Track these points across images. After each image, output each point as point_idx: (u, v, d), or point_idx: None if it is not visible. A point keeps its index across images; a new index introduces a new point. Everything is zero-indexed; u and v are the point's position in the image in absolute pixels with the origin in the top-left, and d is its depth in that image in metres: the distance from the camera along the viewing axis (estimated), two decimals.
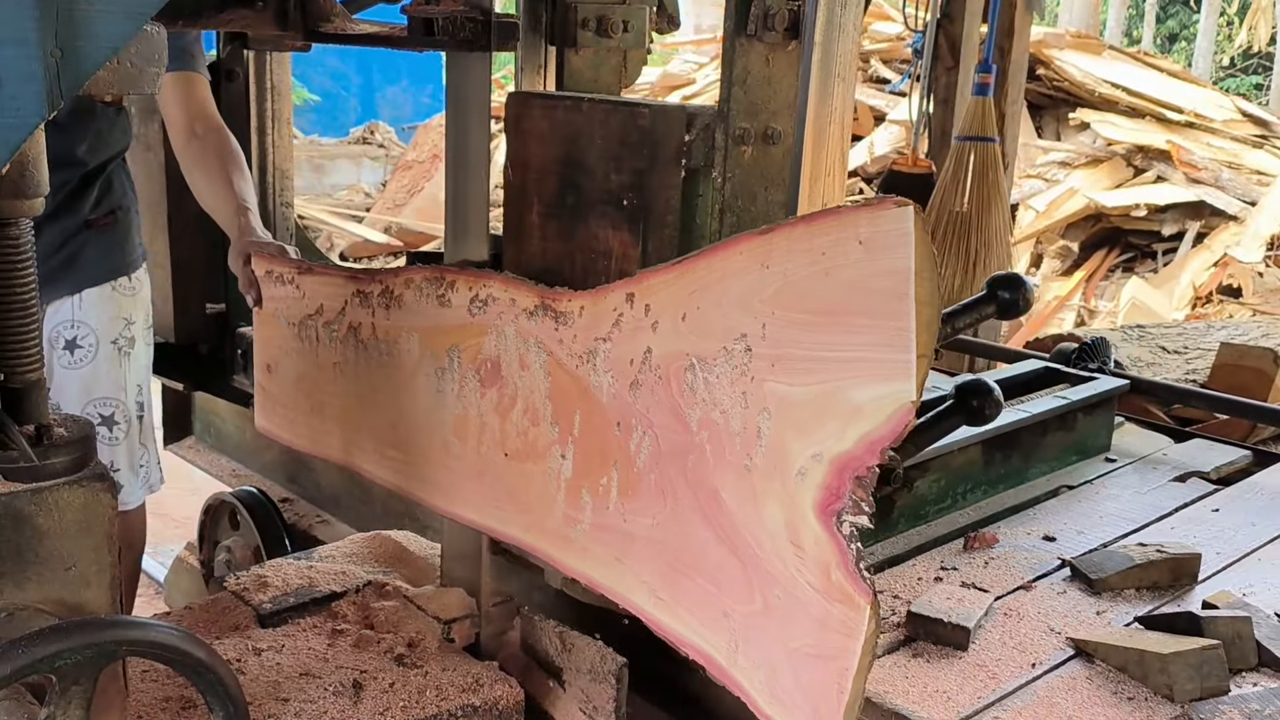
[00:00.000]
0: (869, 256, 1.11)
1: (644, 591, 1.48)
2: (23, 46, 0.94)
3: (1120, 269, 7.18)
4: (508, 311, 1.61)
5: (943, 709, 1.67)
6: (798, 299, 1.20)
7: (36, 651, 0.94)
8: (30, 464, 1.14)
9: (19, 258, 1.15)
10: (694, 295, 1.33)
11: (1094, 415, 2.81)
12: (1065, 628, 1.93)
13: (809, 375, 1.19)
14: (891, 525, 2.28)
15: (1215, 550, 2.27)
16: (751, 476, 1.27)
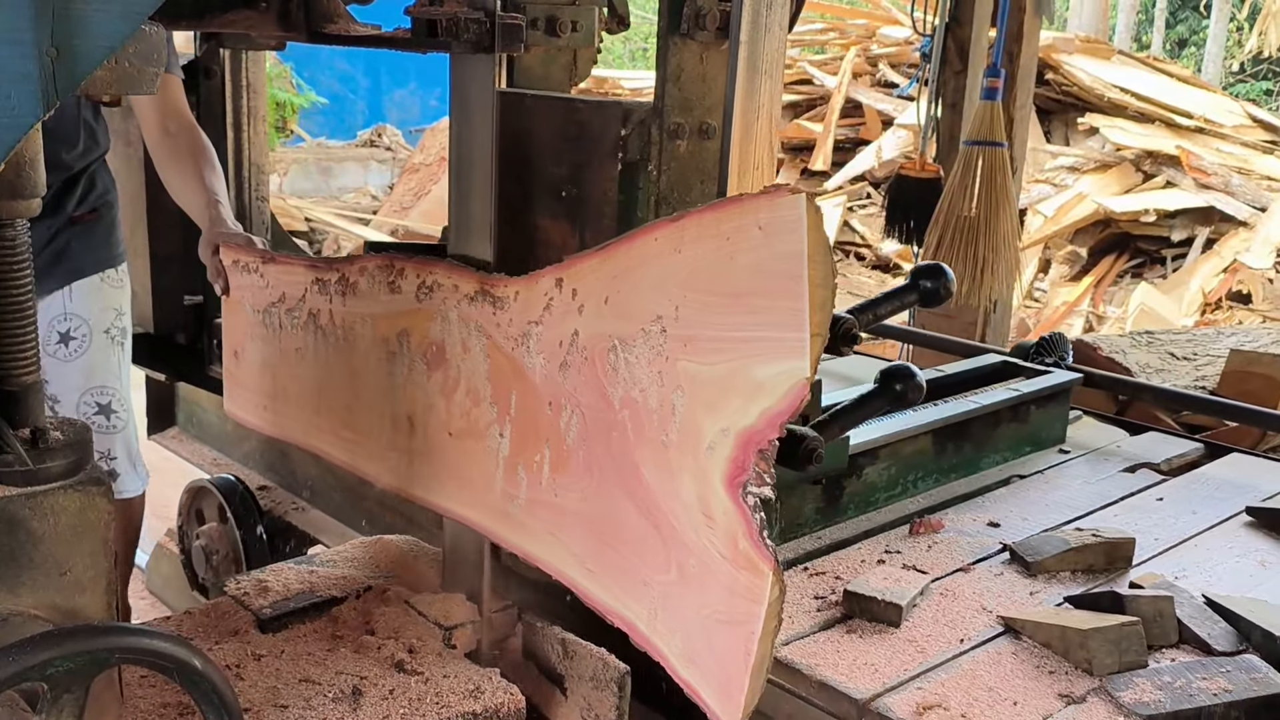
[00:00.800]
0: (767, 241, 1.18)
1: (574, 563, 1.54)
2: (18, 46, 0.93)
3: (1129, 275, 7.15)
4: (451, 297, 1.67)
5: (869, 680, 1.75)
6: (706, 282, 1.26)
7: (27, 659, 0.93)
8: (25, 468, 1.12)
9: (16, 259, 1.13)
10: (615, 279, 1.39)
11: (1047, 408, 2.88)
12: (997, 607, 2.00)
13: (717, 354, 1.26)
14: (841, 511, 2.35)
15: (1154, 536, 2.33)
16: (668, 452, 1.33)
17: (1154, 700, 1.71)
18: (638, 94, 10.65)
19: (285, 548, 2.67)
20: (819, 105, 9.18)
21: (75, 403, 2.29)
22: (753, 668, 1.25)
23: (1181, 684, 1.74)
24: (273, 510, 2.70)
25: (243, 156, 2.74)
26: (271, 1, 1.75)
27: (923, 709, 1.68)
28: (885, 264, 7.82)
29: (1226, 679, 1.75)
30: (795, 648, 1.84)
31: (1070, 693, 1.75)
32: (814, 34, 10.50)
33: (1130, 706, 1.70)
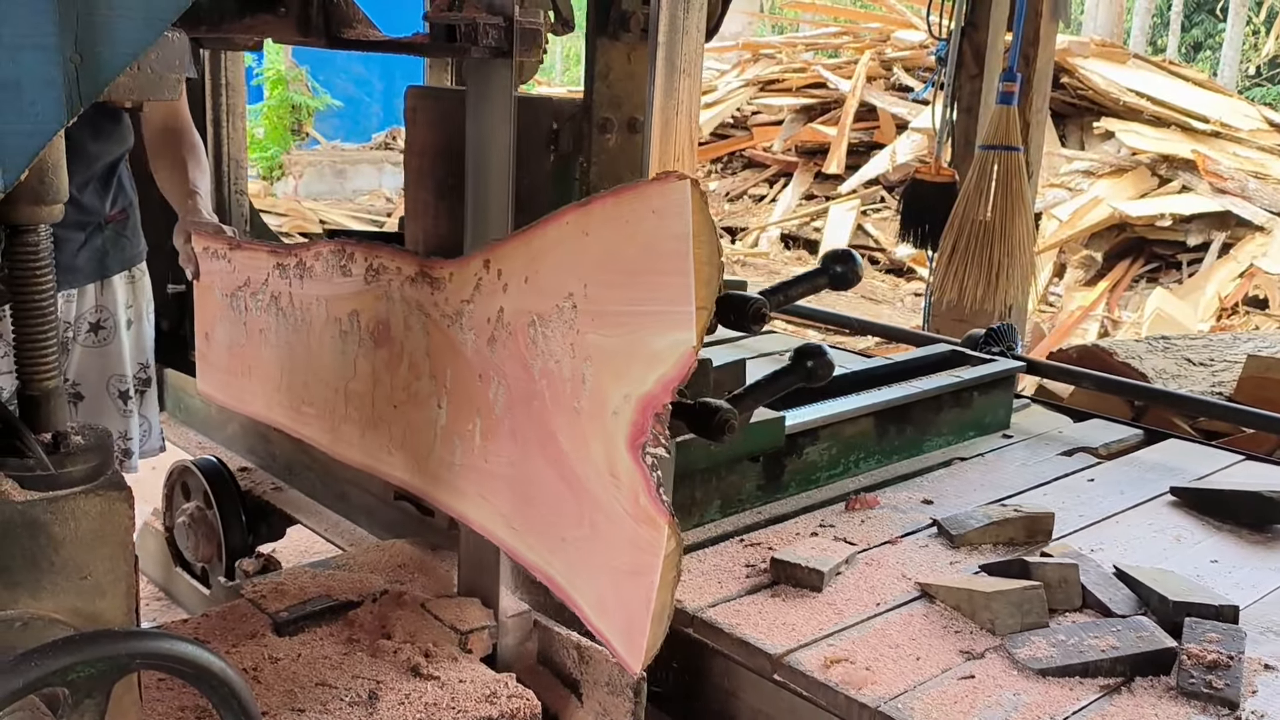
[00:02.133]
0: (660, 224, 1.29)
1: (501, 523, 1.65)
2: (42, 51, 0.94)
3: (1145, 279, 7.12)
4: (395, 279, 1.78)
5: (785, 637, 1.88)
6: (610, 262, 1.38)
7: (49, 664, 0.93)
8: (47, 472, 1.13)
9: (38, 265, 1.14)
10: (534, 260, 1.50)
11: (990, 394, 3.00)
12: (917, 575, 2.12)
13: (621, 327, 1.37)
14: (782, 488, 2.48)
15: (1079, 514, 2.47)
16: (579, 418, 1.45)
17: (1046, 656, 1.83)
18: None
19: (263, 526, 2.78)
20: (833, 109, 9.17)
21: (100, 389, 2.43)
22: (653, 615, 1.36)
23: (1074, 641, 1.86)
24: (252, 490, 2.81)
25: (222, 152, 2.90)
26: (291, 7, 1.75)
27: (830, 662, 1.81)
28: (899, 268, 7.81)
29: (1116, 637, 1.87)
30: (721, 609, 1.97)
31: (971, 649, 1.87)
32: (828, 37, 10.49)
33: (1024, 661, 1.83)
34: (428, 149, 1.98)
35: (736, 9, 13.54)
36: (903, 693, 1.75)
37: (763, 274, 7.93)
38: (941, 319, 4.54)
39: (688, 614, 1.97)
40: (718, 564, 2.16)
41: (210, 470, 2.79)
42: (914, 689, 1.76)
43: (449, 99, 1.92)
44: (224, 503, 2.73)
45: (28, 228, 1.11)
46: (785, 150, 9.31)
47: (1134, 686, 1.80)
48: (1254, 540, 2.38)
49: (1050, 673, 1.80)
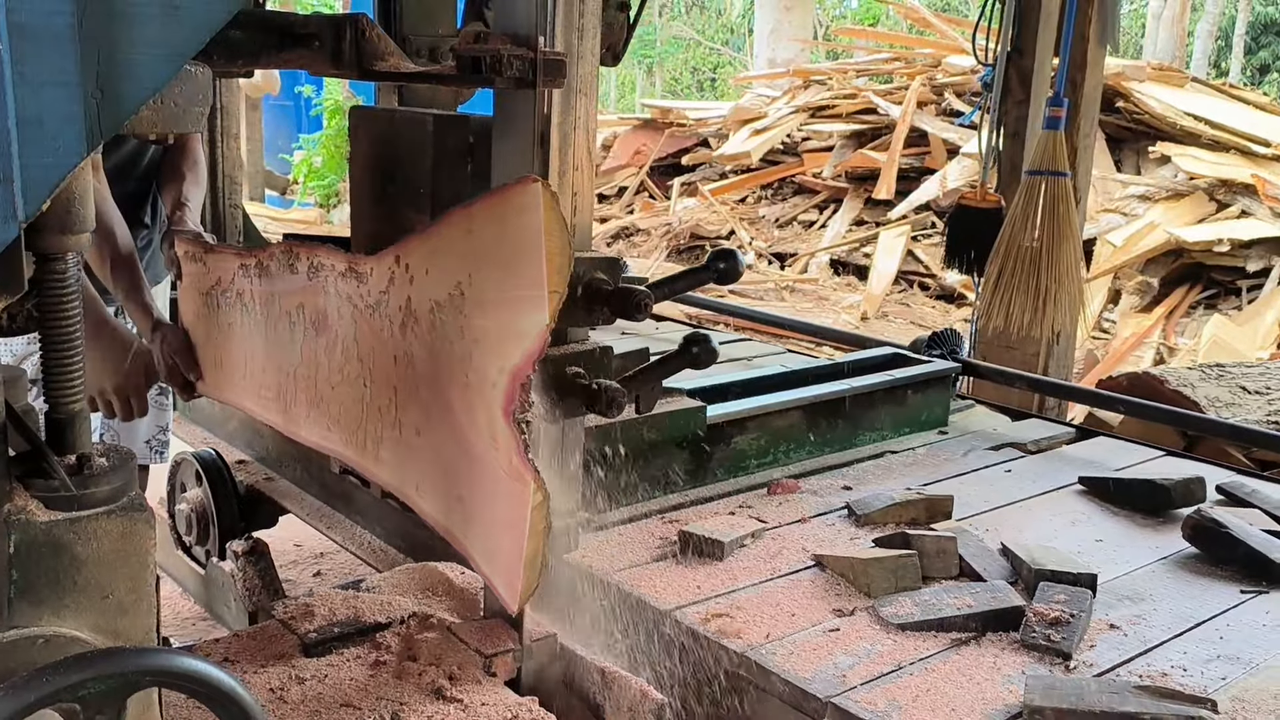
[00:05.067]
0: (521, 221, 1.51)
1: (411, 487, 1.87)
2: (64, 89, 0.97)
3: (1202, 306, 6.98)
4: (330, 274, 2.00)
5: (676, 597, 2.08)
6: (489, 255, 1.59)
7: (60, 680, 0.96)
8: (70, 493, 1.16)
9: (65, 292, 1.17)
10: (433, 255, 1.71)
11: (926, 393, 3.18)
12: (816, 548, 2.31)
13: (497, 312, 1.59)
14: (710, 473, 2.68)
15: (985, 499, 2.66)
16: (469, 391, 1.66)
17: (907, 613, 2.03)
18: (702, 124, 10.70)
19: (255, 512, 3.04)
20: (884, 135, 9.13)
21: None
22: (525, 560, 1.60)
23: (935, 601, 2.07)
24: (245, 480, 3.05)
25: (218, 169, 3.11)
26: (325, 41, 1.80)
27: (711, 616, 2.01)
28: (949, 294, 7.73)
29: (973, 597, 2.06)
30: (626, 573, 2.19)
31: (843, 609, 2.07)
32: (879, 64, 10.47)
33: (887, 618, 2.03)
34: (366, 160, 2.24)
35: (790, 37, 13.59)
36: (768, 641, 1.94)
37: (811, 300, 7.90)
38: (988, 345, 4.49)
39: (596, 578, 2.19)
40: (635, 537, 2.36)
41: (208, 462, 3.03)
42: (781, 639, 1.95)
43: (384, 117, 2.23)
44: (219, 492, 2.97)
45: (55, 256, 1.15)
46: (835, 176, 9.29)
47: (983, 640, 1.98)
48: (1144, 524, 2.56)
49: (909, 627, 2.00)
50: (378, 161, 2.18)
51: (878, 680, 1.83)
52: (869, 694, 1.78)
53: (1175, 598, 2.18)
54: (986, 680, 1.84)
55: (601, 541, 2.33)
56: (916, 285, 8.00)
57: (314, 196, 10.98)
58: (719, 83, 22.06)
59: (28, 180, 0.97)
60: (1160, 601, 2.17)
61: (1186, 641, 2.01)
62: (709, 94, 20.89)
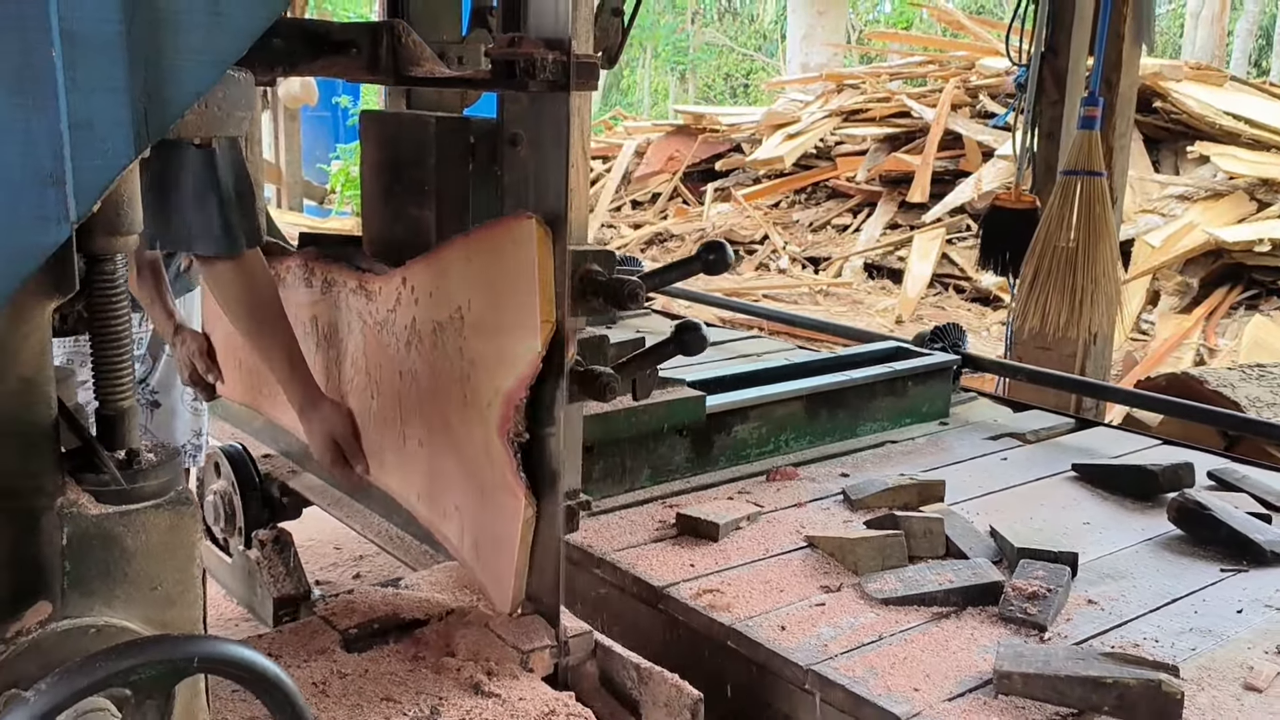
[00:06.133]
0: (517, 251, 1.59)
1: (413, 494, 1.97)
2: (113, 94, 1.01)
3: (1243, 306, 6.90)
4: (343, 290, 2.08)
5: (671, 575, 2.18)
6: (485, 282, 1.68)
7: (112, 665, 0.99)
8: (120, 487, 1.19)
9: (113, 293, 1.21)
10: (437, 278, 1.80)
11: (926, 384, 3.24)
12: (810, 531, 2.38)
13: (494, 336, 1.67)
14: (711, 461, 2.76)
15: (979, 485, 2.71)
16: (466, 409, 1.75)
17: (892, 589, 2.11)
18: (735, 129, 10.71)
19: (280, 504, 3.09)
20: (918, 138, 9.10)
21: (176, 397, 2.72)
22: (516, 570, 1.73)
23: (918, 577, 2.13)
24: (271, 473, 3.13)
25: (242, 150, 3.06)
26: (362, 48, 1.84)
27: (703, 592, 2.10)
28: (985, 296, 7.69)
29: (954, 573, 2.13)
30: (625, 553, 2.27)
31: (830, 585, 2.15)
32: (913, 67, 10.44)
33: (871, 593, 2.10)
34: (375, 163, 2.32)
35: (822, 41, 13.56)
36: (756, 615, 2.02)
37: (845, 304, 7.88)
38: (1024, 346, 4.47)
39: (595, 557, 2.27)
40: (635, 520, 2.45)
41: (234, 456, 3.11)
42: (768, 613, 2.03)
43: (392, 121, 2.32)
44: (245, 484, 3.06)
45: (105, 257, 1.18)
46: (869, 180, 9.27)
47: (963, 614, 2.05)
48: (1133, 508, 2.62)
49: (891, 602, 2.07)
50: (385, 162, 2.29)
51: (858, 650, 1.92)
52: (849, 662, 1.87)
53: (1155, 576, 2.24)
54: (963, 650, 1.93)
55: (601, 524, 2.42)
56: (951, 288, 7.96)
57: (351, 206, 11.09)
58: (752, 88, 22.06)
59: (79, 182, 1.01)
60: (1140, 579, 2.22)
61: (1162, 616, 2.07)
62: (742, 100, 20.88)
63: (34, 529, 1.16)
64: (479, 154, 2.14)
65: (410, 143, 2.21)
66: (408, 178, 2.22)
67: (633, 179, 10.92)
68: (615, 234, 9.83)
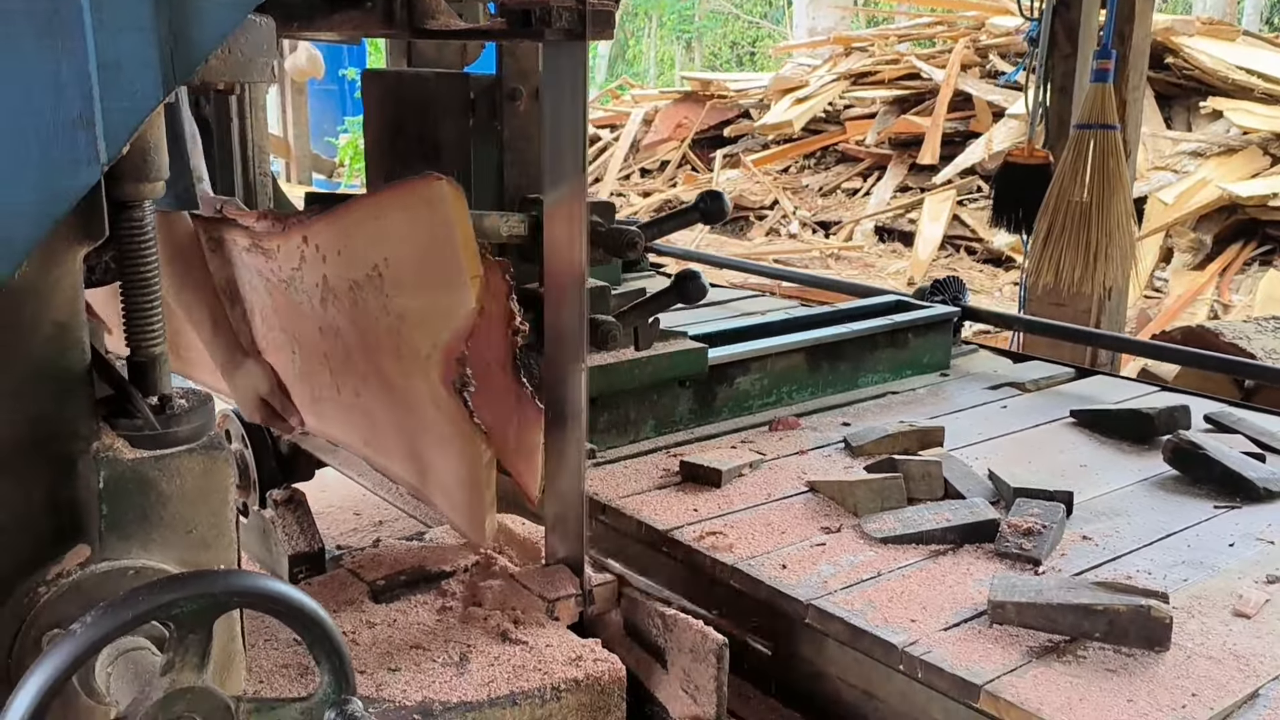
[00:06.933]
0: (431, 212, 1.61)
1: (360, 442, 2.02)
2: (140, 33, 1.01)
3: (1257, 262, 6.86)
4: (234, 248, 2.08)
5: (675, 518, 2.22)
6: (403, 241, 1.68)
7: (155, 599, 1.01)
8: (155, 432, 1.21)
9: (143, 239, 1.22)
10: (344, 237, 1.79)
11: (926, 336, 3.27)
12: (812, 476, 2.41)
13: (421, 293, 1.69)
14: (715, 412, 2.80)
15: (978, 431, 2.75)
16: (402, 362, 1.78)
17: (890, 528, 2.14)
18: (743, 95, 10.65)
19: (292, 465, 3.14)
20: (928, 100, 9.05)
21: None
22: (486, 505, 1.80)
23: (916, 517, 2.17)
24: (282, 436, 3.11)
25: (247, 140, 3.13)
26: (377, 2, 1.84)
27: (706, 534, 2.14)
28: (997, 257, 7.66)
29: (951, 512, 2.17)
30: (630, 499, 2.32)
31: (830, 526, 2.19)
32: (921, 28, 10.36)
33: (870, 533, 2.14)
34: (378, 121, 2.34)
35: (830, 4, 13.45)
36: (757, 555, 2.06)
37: (857, 267, 7.87)
38: (1038, 302, 4.46)
39: (601, 503, 2.30)
40: (639, 469, 2.49)
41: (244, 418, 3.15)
42: (769, 553, 2.07)
43: (391, 78, 2.34)
44: (258, 445, 3.08)
45: (133, 203, 1.20)
46: (879, 143, 9.22)
47: (960, 551, 2.09)
48: (1129, 451, 2.64)
49: (890, 540, 2.11)
50: (387, 119, 2.31)
51: (857, 585, 1.95)
52: (847, 596, 1.91)
53: (1149, 513, 2.27)
54: (959, 584, 1.96)
55: (606, 473, 2.44)
56: (963, 249, 7.94)
57: (359, 179, 11.09)
58: (758, 56, 21.91)
59: (108, 124, 1.01)
60: (1134, 516, 2.25)
61: (1155, 550, 2.11)
62: (748, 67, 20.74)
63: (71, 473, 1.18)
64: (479, 109, 2.18)
65: (411, 100, 2.24)
66: (409, 134, 2.25)
67: (641, 147, 10.88)
68: (624, 202, 9.81)
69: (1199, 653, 1.73)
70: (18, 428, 1.14)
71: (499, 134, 2.16)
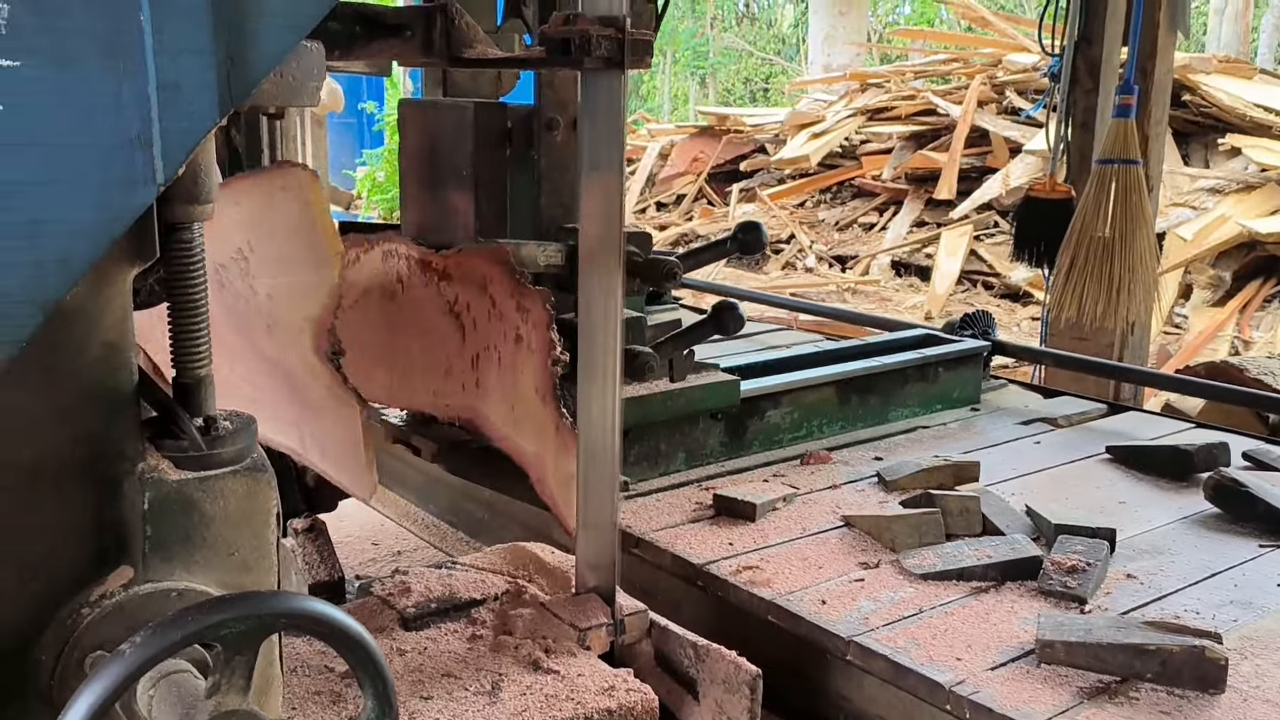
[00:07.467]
0: (287, 197, 1.70)
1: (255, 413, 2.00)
2: (199, 56, 1.02)
3: (1277, 300, 6.84)
4: None
5: (710, 553, 2.22)
6: (261, 225, 1.77)
7: (205, 620, 1.00)
8: (200, 453, 1.21)
9: (191, 261, 1.23)
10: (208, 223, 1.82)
11: (957, 370, 3.28)
12: (846, 510, 2.41)
13: (284, 271, 1.78)
14: (745, 446, 2.82)
15: (1012, 467, 2.74)
16: (275, 334, 1.87)
17: (930, 564, 2.12)
18: (759, 130, 10.71)
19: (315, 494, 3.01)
20: (944, 135, 9.07)
21: None
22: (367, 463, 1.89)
23: (956, 553, 2.16)
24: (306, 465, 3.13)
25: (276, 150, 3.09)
26: (416, 31, 1.86)
27: (742, 569, 2.13)
28: (1014, 292, 7.65)
29: (992, 549, 2.15)
30: (663, 533, 2.31)
31: (869, 562, 2.17)
32: (937, 65, 10.41)
33: (910, 568, 2.12)
34: (415, 151, 2.36)
35: (844, 41, 13.55)
36: (796, 590, 2.05)
37: (873, 301, 7.86)
38: (1060, 337, 4.45)
39: (635, 537, 2.30)
40: (671, 502, 2.49)
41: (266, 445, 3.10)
42: (808, 588, 2.06)
43: (431, 108, 2.36)
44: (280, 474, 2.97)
45: (183, 225, 1.20)
46: (895, 178, 9.24)
47: (1002, 588, 2.07)
48: (1168, 488, 2.63)
49: (930, 577, 2.09)
50: (423, 149, 2.33)
51: (899, 622, 1.94)
52: (890, 633, 1.90)
53: (1193, 551, 2.25)
54: (1003, 622, 1.95)
55: (639, 506, 2.44)
56: (980, 284, 7.93)
57: (378, 210, 11.15)
58: (771, 92, 22.05)
59: (166, 144, 1.02)
60: (1178, 555, 2.23)
61: (1201, 589, 2.08)
62: (761, 103, 20.87)
63: (116, 494, 1.17)
64: (516, 139, 2.20)
65: (448, 129, 2.25)
66: (446, 164, 2.27)
67: (657, 181, 10.93)
68: None
69: (1255, 695, 1.71)
70: (65, 448, 1.14)
71: (536, 164, 2.17)
